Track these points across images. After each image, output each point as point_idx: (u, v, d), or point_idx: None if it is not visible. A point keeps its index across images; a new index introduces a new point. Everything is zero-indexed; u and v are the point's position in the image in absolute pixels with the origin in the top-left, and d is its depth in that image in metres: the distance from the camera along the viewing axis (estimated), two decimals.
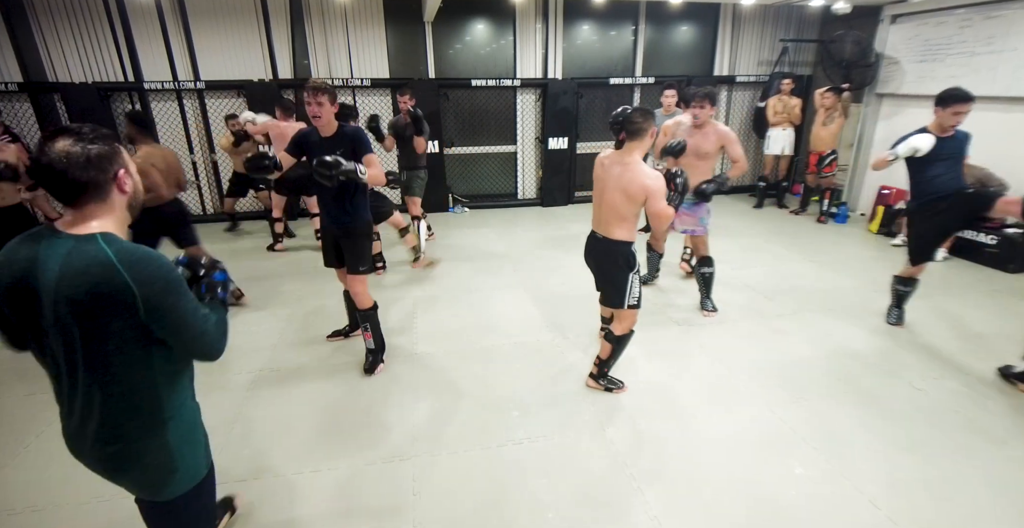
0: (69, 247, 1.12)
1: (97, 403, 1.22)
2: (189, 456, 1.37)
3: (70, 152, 1.11)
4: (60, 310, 1.12)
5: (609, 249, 2.74)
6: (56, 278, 1.11)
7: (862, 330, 3.73)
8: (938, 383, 3.09)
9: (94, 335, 1.15)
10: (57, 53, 5.96)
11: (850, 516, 2.16)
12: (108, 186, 1.18)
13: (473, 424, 2.75)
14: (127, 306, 1.13)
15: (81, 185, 1.13)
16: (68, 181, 1.12)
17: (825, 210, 6.46)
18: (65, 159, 1.11)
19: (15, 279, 1.14)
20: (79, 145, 1.12)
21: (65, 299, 1.11)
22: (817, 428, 2.69)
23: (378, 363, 3.26)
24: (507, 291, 4.46)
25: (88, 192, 1.15)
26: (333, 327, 3.72)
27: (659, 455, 2.52)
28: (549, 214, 7.05)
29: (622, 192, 2.60)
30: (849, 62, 6.48)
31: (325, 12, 6.36)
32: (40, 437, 2.66)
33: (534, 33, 6.95)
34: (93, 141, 1.14)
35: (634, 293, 2.77)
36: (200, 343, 1.25)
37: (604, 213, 2.72)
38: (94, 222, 1.17)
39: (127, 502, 2.22)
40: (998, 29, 5.18)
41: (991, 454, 2.51)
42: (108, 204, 1.20)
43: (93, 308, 1.12)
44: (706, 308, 4.01)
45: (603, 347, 2.99)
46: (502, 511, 2.20)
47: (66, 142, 1.12)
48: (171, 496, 1.37)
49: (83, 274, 1.10)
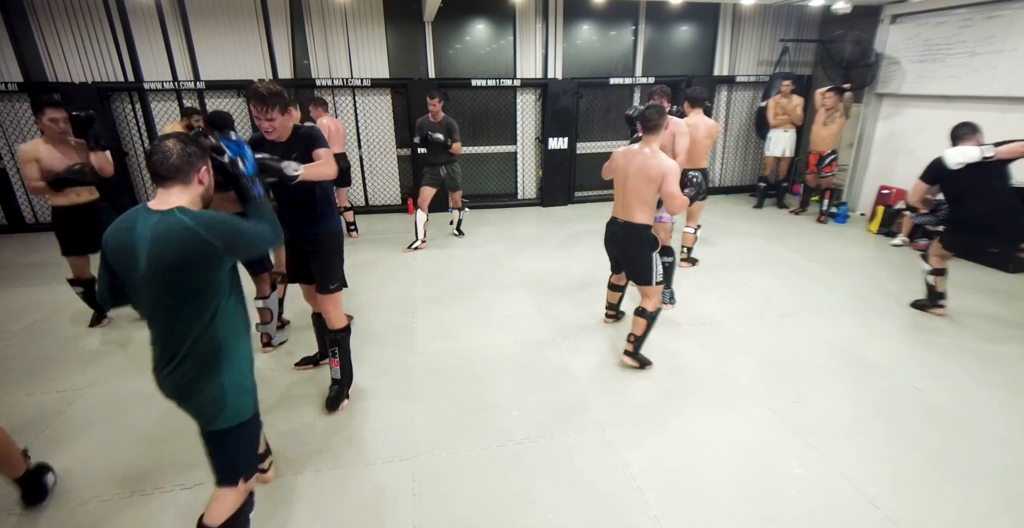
0: (156, 219, 1.50)
1: (172, 343, 1.57)
2: (237, 397, 1.67)
3: (173, 147, 1.56)
4: (152, 266, 1.48)
5: (634, 232, 3.07)
6: (148, 242, 1.48)
7: (862, 330, 3.73)
8: (938, 383, 3.09)
9: (177, 287, 1.51)
10: (57, 53, 5.96)
11: (850, 516, 2.16)
12: (192, 176, 1.60)
13: (473, 424, 2.75)
14: (208, 254, 1.51)
15: (174, 169, 1.56)
16: (167, 165, 1.55)
17: (825, 210, 6.46)
18: (170, 151, 1.56)
19: (118, 242, 1.54)
20: (179, 145, 1.57)
21: (156, 257, 1.47)
22: (817, 428, 2.69)
23: (342, 398, 2.86)
24: (507, 291, 4.46)
25: (177, 177, 1.56)
26: (303, 353, 3.36)
27: (659, 455, 2.52)
28: (549, 214, 7.05)
29: (644, 176, 2.93)
30: (849, 62, 6.48)
31: (325, 12, 6.36)
32: (40, 437, 2.66)
33: (534, 33, 6.95)
34: (188, 145, 1.60)
35: (658, 270, 3.10)
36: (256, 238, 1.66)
37: (628, 198, 3.03)
38: (177, 201, 1.56)
39: (127, 501, 2.23)
40: (998, 29, 5.18)
41: (991, 454, 2.51)
42: (188, 190, 1.60)
43: (178, 263, 1.48)
44: (664, 300, 3.97)
45: (637, 324, 3.17)
46: (502, 511, 2.20)
47: (173, 141, 1.58)
48: (220, 427, 1.66)
49: (168, 237, 1.47)
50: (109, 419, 2.81)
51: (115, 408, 2.90)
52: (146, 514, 2.18)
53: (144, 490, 2.30)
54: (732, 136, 7.96)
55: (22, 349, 3.52)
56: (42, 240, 5.90)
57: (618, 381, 3.14)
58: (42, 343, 3.61)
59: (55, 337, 3.69)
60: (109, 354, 3.47)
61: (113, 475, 2.39)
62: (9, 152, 6.16)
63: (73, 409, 2.89)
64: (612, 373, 3.21)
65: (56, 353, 3.47)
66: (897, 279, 4.69)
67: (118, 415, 2.84)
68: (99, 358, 3.41)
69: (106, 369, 3.28)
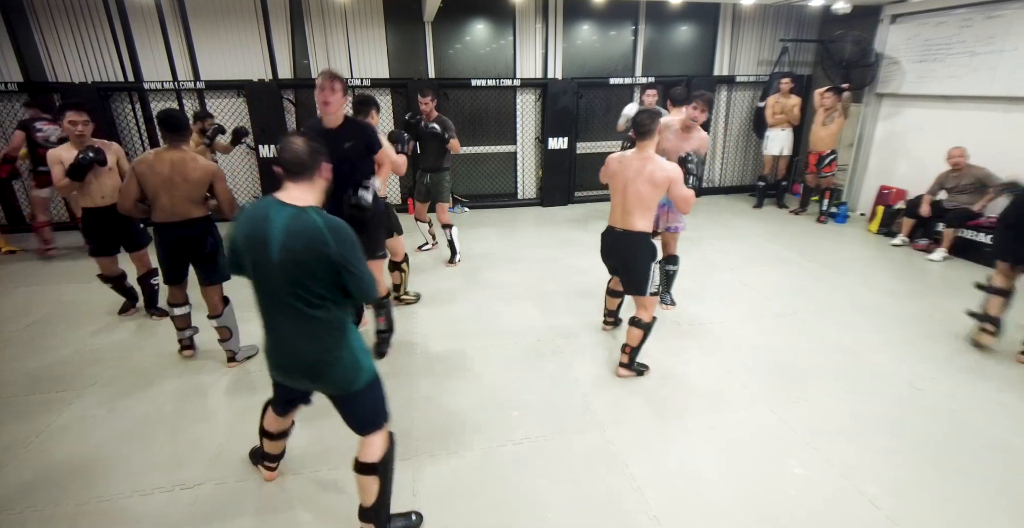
0: (291, 213, 1.66)
1: (305, 324, 1.74)
2: (366, 357, 1.88)
3: (302, 145, 1.70)
4: (284, 256, 1.64)
5: (636, 241, 2.97)
6: (282, 234, 1.64)
7: (862, 330, 3.73)
8: (938, 383, 3.09)
9: (306, 274, 1.66)
10: (57, 53, 5.96)
11: (850, 516, 2.16)
12: (316, 172, 1.74)
13: (473, 424, 2.75)
14: (327, 255, 1.64)
15: (304, 166, 1.70)
16: (298, 161, 1.69)
17: (825, 210, 6.46)
18: (300, 148, 1.70)
19: (254, 229, 1.68)
20: (307, 143, 1.72)
21: (288, 248, 1.63)
22: (817, 428, 2.69)
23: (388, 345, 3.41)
24: (507, 290, 4.46)
25: (305, 173, 1.71)
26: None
27: (659, 455, 2.52)
28: (549, 214, 7.05)
29: (648, 182, 2.85)
30: (849, 62, 6.48)
31: (325, 12, 6.36)
32: (40, 437, 2.66)
33: (534, 33, 6.95)
34: (312, 140, 1.74)
35: (655, 281, 3.01)
36: (364, 285, 1.74)
37: (629, 205, 2.93)
38: (309, 197, 1.72)
39: (127, 502, 2.23)
40: (998, 29, 5.18)
41: (991, 454, 2.51)
42: (315, 184, 1.75)
43: (307, 256, 1.64)
44: (664, 302, 4.09)
45: (632, 334, 3.09)
46: (502, 511, 2.20)
47: (301, 139, 1.72)
48: (360, 387, 1.86)
49: (301, 234, 1.64)
50: (109, 419, 2.81)
51: (115, 408, 2.90)
52: (147, 513, 2.18)
53: (144, 490, 2.30)
54: (732, 136, 7.96)
55: (22, 349, 3.53)
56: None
57: (618, 381, 3.14)
58: (42, 343, 3.61)
59: (55, 337, 3.69)
60: (109, 354, 3.47)
61: (113, 475, 2.39)
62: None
63: (73, 409, 2.89)
64: (612, 373, 3.21)
65: (56, 353, 3.47)
66: (897, 279, 4.69)
67: (118, 415, 2.84)
68: (99, 358, 3.41)
69: (106, 369, 3.28)
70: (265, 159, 6.47)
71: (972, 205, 5.04)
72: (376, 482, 1.93)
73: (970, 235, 5.08)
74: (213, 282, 3.16)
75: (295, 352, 1.78)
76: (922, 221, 5.41)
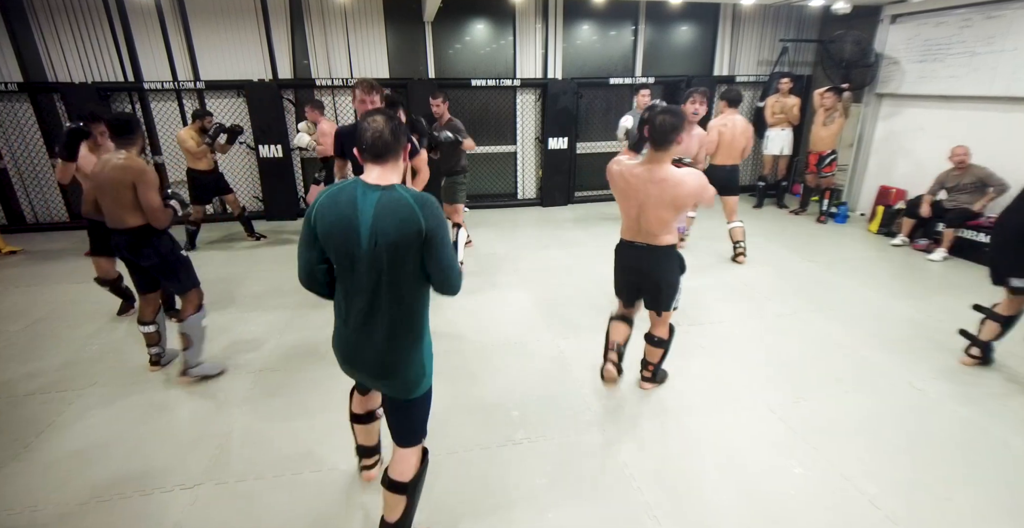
0: (379, 194, 1.54)
1: (387, 319, 1.64)
2: (431, 366, 1.80)
3: (385, 125, 1.58)
4: (376, 241, 1.53)
5: (665, 254, 2.69)
6: (372, 217, 1.52)
7: (862, 330, 3.72)
8: (938, 383, 3.09)
9: (396, 263, 1.56)
10: (57, 53, 5.96)
11: (850, 516, 2.16)
12: (400, 152, 1.63)
13: (473, 424, 2.75)
14: (418, 236, 1.53)
15: (388, 147, 1.59)
16: (382, 142, 1.57)
17: (825, 210, 6.46)
18: (383, 129, 1.58)
19: (339, 217, 1.54)
20: (389, 122, 1.59)
21: (380, 233, 1.52)
22: (817, 428, 2.69)
23: None
24: (507, 291, 4.46)
25: (389, 154, 1.59)
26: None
27: (659, 455, 2.52)
28: (549, 214, 7.05)
29: (670, 207, 2.54)
30: (849, 62, 6.48)
31: (325, 12, 6.36)
32: (40, 437, 2.66)
33: (534, 33, 6.95)
34: (392, 119, 1.61)
35: (680, 295, 2.82)
36: (449, 275, 1.65)
37: (650, 225, 2.61)
38: (392, 177, 1.60)
39: (127, 502, 2.23)
40: (998, 29, 5.18)
41: (991, 454, 2.51)
42: (398, 166, 1.64)
43: (399, 240, 1.52)
44: None
45: (651, 352, 2.96)
46: (502, 511, 2.20)
47: (383, 118, 1.60)
48: (419, 395, 1.78)
49: (393, 214, 1.51)
50: (109, 419, 2.81)
51: (115, 408, 2.90)
52: (147, 514, 2.18)
53: (144, 490, 2.30)
54: None
55: (22, 349, 3.52)
56: (42, 240, 5.91)
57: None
58: (42, 343, 3.61)
59: (55, 337, 3.69)
60: (109, 354, 3.47)
61: (113, 475, 2.39)
62: (9, 152, 6.16)
63: (73, 409, 2.89)
64: None
65: (56, 353, 3.47)
66: (897, 279, 4.69)
67: (118, 415, 2.84)
68: (99, 358, 3.41)
69: (106, 369, 3.28)
70: (265, 159, 6.48)
71: (972, 205, 5.04)
72: (404, 501, 1.84)
73: (970, 235, 5.08)
74: (178, 292, 3.06)
75: (370, 346, 1.67)
76: (922, 221, 5.41)
